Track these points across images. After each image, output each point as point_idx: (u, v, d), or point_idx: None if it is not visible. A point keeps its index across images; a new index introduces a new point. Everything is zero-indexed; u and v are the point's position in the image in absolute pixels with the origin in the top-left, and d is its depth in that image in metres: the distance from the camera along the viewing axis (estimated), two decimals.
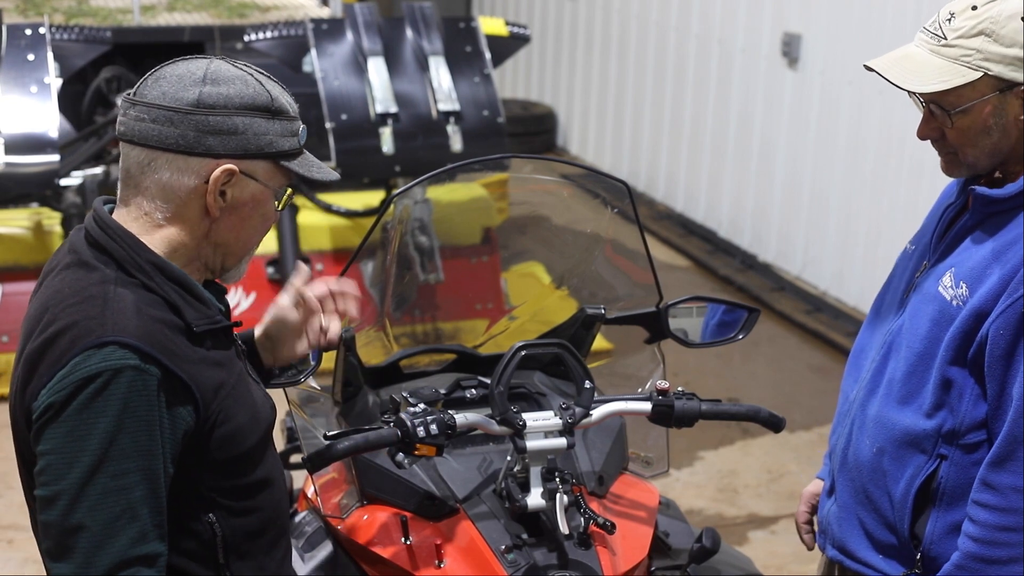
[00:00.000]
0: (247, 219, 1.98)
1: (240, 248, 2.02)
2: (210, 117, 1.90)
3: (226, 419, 1.94)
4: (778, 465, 5.20)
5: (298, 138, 2.00)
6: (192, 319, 1.93)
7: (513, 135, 7.93)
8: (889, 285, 2.54)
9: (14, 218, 6.17)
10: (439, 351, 3.07)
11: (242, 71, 1.96)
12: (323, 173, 2.04)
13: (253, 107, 1.93)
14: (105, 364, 1.80)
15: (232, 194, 1.94)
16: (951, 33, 2.25)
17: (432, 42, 6.18)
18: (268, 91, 1.96)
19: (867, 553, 2.44)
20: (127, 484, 1.80)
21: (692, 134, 8.06)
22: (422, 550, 2.49)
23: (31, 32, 5.96)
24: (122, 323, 1.84)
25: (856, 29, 6.52)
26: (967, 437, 2.29)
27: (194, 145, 1.90)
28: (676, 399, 2.57)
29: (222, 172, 1.92)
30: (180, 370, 1.86)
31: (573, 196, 3.19)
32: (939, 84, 2.25)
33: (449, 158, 5.80)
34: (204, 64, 1.95)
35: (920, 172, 6.06)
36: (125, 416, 1.80)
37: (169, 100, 1.90)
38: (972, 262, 2.30)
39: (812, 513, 2.70)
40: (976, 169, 2.33)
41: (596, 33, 9.17)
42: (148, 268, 1.92)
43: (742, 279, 7.19)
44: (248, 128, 1.92)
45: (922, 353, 2.33)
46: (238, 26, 6.96)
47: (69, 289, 1.90)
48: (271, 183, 1.98)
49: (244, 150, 1.93)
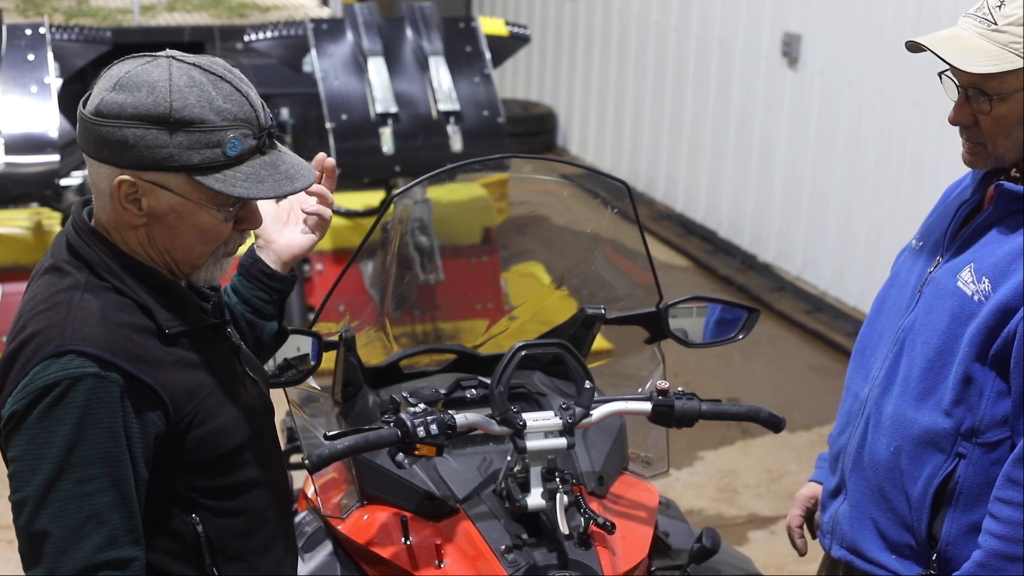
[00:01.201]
0: (175, 228, 1.91)
1: (184, 255, 1.95)
2: (102, 128, 1.85)
3: (203, 420, 1.92)
4: (778, 465, 5.20)
5: (222, 149, 1.85)
6: (164, 321, 1.91)
7: (513, 135, 7.92)
8: (894, 281, 2.52)
9: (14, 218, 6.17)
10: (439, 351, 3.07)
11: (167, 74, 1.85)
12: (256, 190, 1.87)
13: (147, 118, 1.83)
14: (63, 373, 1.81)
15: (148, 203, 1.88)
16: (1002, 19, 2.25)
17: (432, 42, 6.18)
18: (171, 101, 1.83)
19: (880, 553, 2.42)
20: (91, 490, 1.81)
21: (692, 134, 8.06)
22: (422, 550, 2.49)
23: (31, 32, 5.96)
24: (83, 331, 1.84)
25: (856, 29, 6.52)
26: (987, 435, 2.27)
27: (94, 153, 1.87)
28: (676, 399, 2.57)
29: (118, 183, 1.86)
30: (145, 375, 1.85)
31: (573, 196, 3.19)
32: (988, 66, 2.24)
33: (449, 158, 5.79)
34: (132, 66, 1.87)
35: (920, 172, 6.06)
36: (85, 424, 1.81)
37: (86, 102, 1.88)
38: (995, 257, 2.27)
39: (805, 517, 2.69)
40: (1002, 162, 2.32)
41: (596, 33, 9.17)
42: (120, 272, 1.91)
43: (742, 279, 7.19)
44: (140, 141, 1.83)
45: (940, 348, 2.31)
46: (238, 26, 6.96)
47: (41, 295, 1.91)
48: (191, 196, 1.88)
49: (139, 163, 1.85)
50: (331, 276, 6.05)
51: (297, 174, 1.92)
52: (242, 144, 1.86)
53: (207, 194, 1.88)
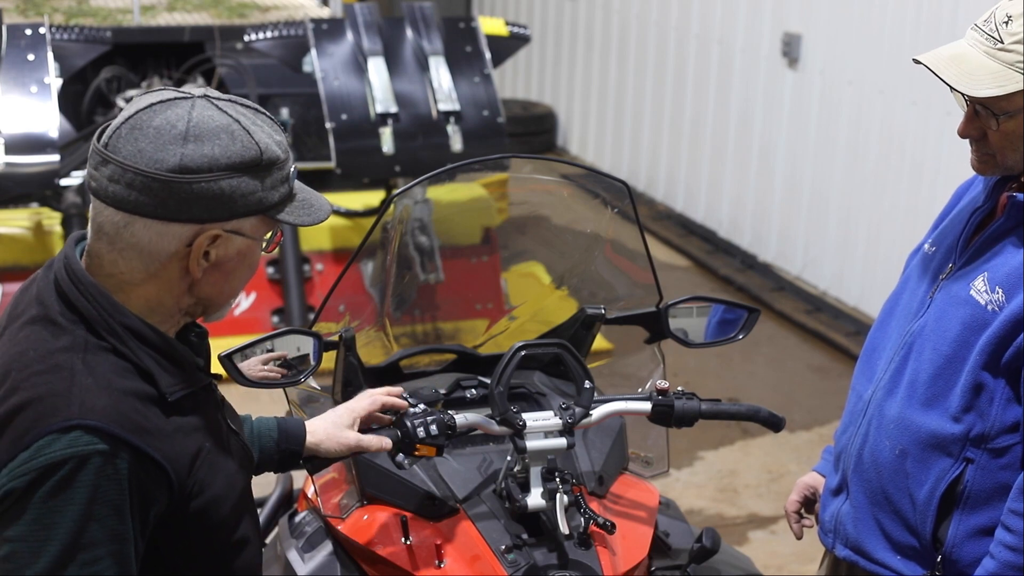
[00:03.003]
0: (232, 272, 1.85)
1: (224, 300, 1.89)
2: (193, 184, 1.73)
3: (201, 490, 1.84)
4: (778, 465, 5.20)
5: (289, 183, 1.83)
6: (166, 387, 1.81)
7: (513, 135, 7.92)
8: (906, 285, 2.51)
9: (14, 218, 6.17)
10: (439, 351, 3.07)
11: (227, 117, 1.77)
12: (313, 215, 1.86)
13: (241, 166, 1.75)
14: (71, 451, 1.69)
15: (216, 254, 1.80)
16: (1008, 37, 2.21)
17: (432, 42, 6.19)
18: (257, 142, 1.77)
19: (885, 554, 2.42)
20: (97, 571, 1.72)
21: (692, 134, 8.06)
22: (422, 550, 2.49)
23: (31, 32, 5.96)
24: (89, 402, 1.72)
25: (856, 29, 6.51)
26: (996, 441, 2.27)
27: (176, 214, 1.74)
28: (676, 399, 2.57)
29: (206, 238, 1.77)
30: (153, 448, 1.75)
31: (573, 196, 3.19)
32: (994, 89, 2.21)
33: (449, 158, 5.79)
34: (185, 113, 1.75)
35: (920, 172, 6.05)
36: (94, 504, 1.70)
37: (146, 162, 1.73)
38: (1008, 267, 2.27)
39: (803, 503, 2.69)
40: (1011, 171, 2.31)
41: (596, 33, 9.17)
42: (121, 332, 1.78)
43: (742, 279, 7.19)
44: (236, 190, 1.75)
45: (950, 356, 2.31)
46: (238, 26, 6.96)
47: (35, 353, 1.77)
48: (258, 234, 1.84)
49: (231, 213, 1.77)
50: (331, 276, 6.05)
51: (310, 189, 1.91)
52: (296, 172, 1.86)
53: (269, 229, 1.84)
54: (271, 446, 2.27)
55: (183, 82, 6.73)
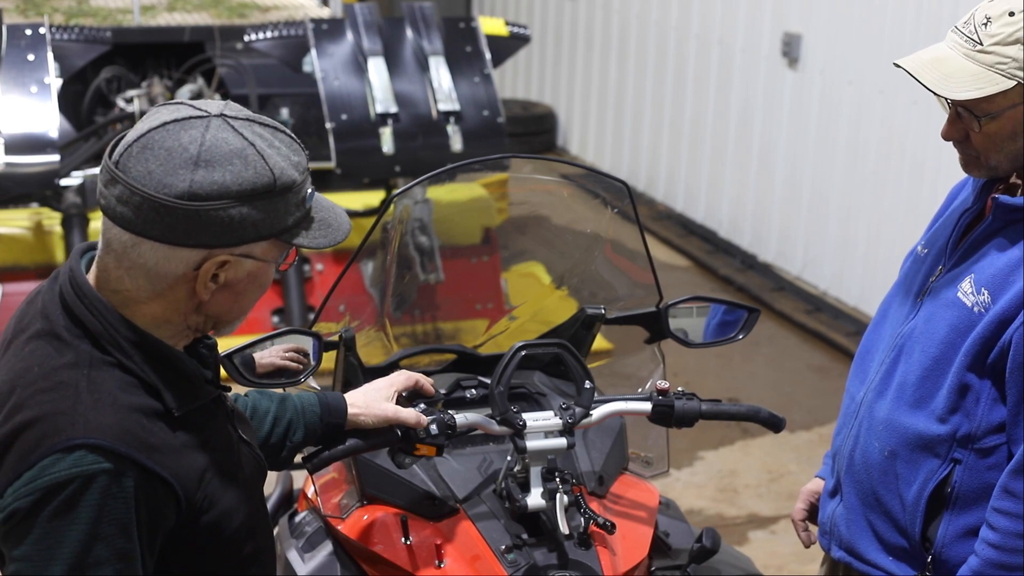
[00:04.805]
0: (242, 293, 1.82)
1: (234, 317, 1.87)
2: (201, 212, 1.69)
3: (211, 505, 1.81)
4: (778, 465, 5.20)
5: (306, 205, 1.79)
6: (171, 402, 1.78)
7: (513, 135, 7.92)
8: (899, 288, 2.52)
9: (14, 218, 6.17)
10: (439, 351, 3.07)
11: (243, 140, 1.73)
12: (330, 236, 1.83)
13: (253, 194, 1.71)
14: (76, 471, 1.67)
15: (226, 276, 1.78)
16: (987, 39, 2.21)
17: (432, 42, 6.19)
18: (271, 168, 1.73)
19: (877, 555, 2.43)
20: None
21: (692, 134, 8.06)
22: (422, 550, 2.49)
23: (31, 32, 5.96)
24: (94, 420, 1.70)
25: (856, 29, 6.52)
26: (983, 441, 2.27)
27: (183, 239, 1.71)
28: (676, 399, 2.57)
29: (213, 263, 1.75)
30: (159, 465, 1.73)
31: (573, 196, 3.19)
32: (973, 92, 2.21)
33: (449, 158, 5.79)
34: (199, 135, 1.71)
35: (920, 172, 6.06)
36: (100, 523, 1.68)
37: (155, 186, 1.69)
38: (994, 269, 2.27)
39: (809, 511, 2.69)
40: (996, 172, 2.31)
41: (596, 33, 9.17)
42: (127, 346, 1.76)
43: (742, 279, 7.19)
44: (246, 218, 1.71)
45: (938, 358, 2.31)
46: (238, 26, 6.96)
47: (39, 369, 1.74)
48: (270, 256, 1.80)
49: (240, 240, 1.73)
50: (331, 276, 6.05)
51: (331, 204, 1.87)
52: (313, 193, 1.82)
53: (283, 251, 1.81)
54: (315, 422, 2.25)
55: (183, 82, 6.72)
